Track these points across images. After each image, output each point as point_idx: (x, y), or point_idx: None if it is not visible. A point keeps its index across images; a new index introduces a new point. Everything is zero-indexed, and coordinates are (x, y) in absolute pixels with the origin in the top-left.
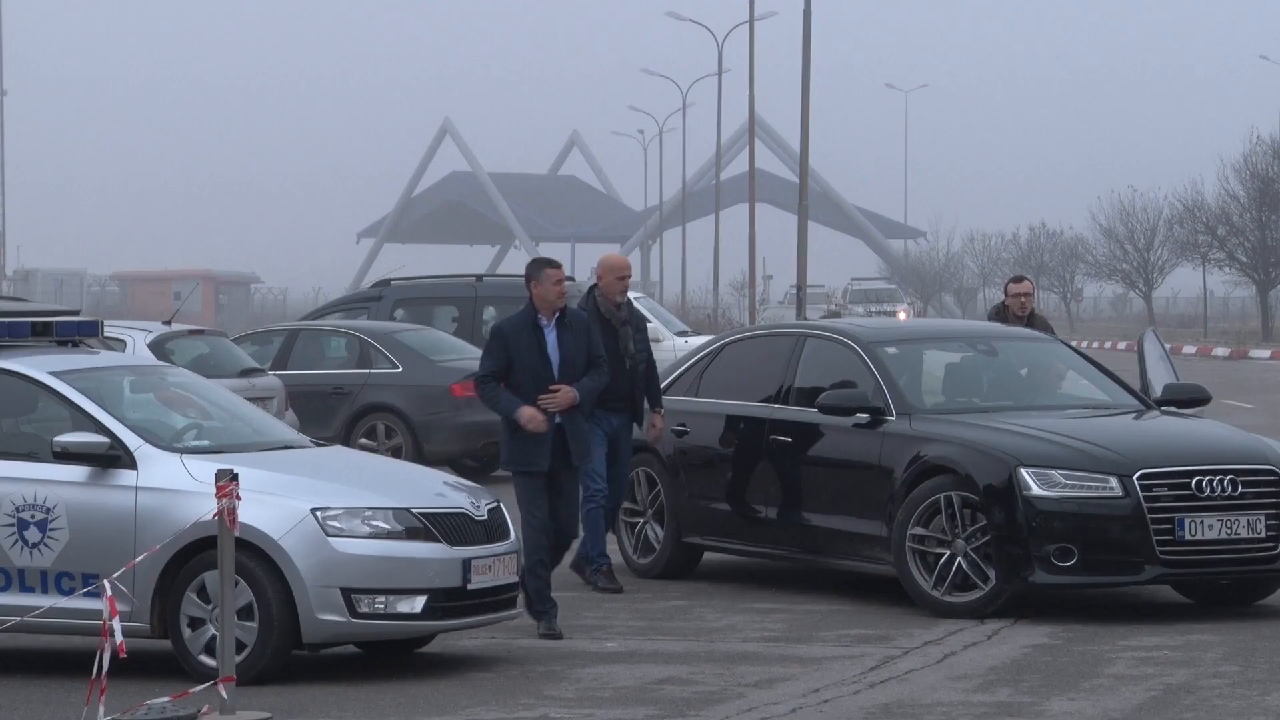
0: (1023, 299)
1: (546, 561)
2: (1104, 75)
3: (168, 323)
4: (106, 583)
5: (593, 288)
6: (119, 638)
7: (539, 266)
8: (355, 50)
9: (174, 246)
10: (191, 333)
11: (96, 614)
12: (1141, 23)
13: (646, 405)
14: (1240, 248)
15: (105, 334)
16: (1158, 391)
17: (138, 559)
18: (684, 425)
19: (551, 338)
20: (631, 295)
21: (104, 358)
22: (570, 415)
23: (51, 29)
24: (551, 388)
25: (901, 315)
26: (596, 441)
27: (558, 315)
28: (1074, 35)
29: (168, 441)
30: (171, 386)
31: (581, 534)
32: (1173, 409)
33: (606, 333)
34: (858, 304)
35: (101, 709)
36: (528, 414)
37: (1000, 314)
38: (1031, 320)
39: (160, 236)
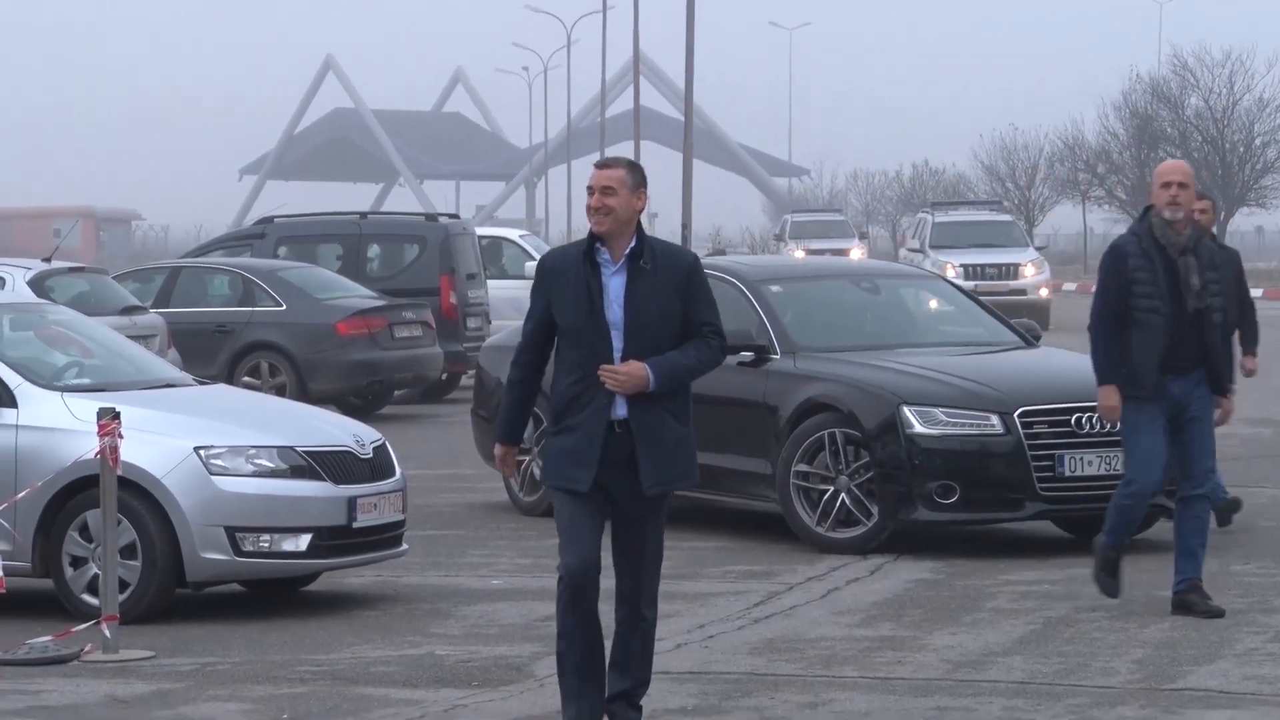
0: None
1: (581, 625)
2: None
3: (47, 260)
4: None
5: (1147, 209)
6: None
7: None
8: None
9: (54, 183)
10: (72, 270)
11: None
12: None
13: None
14: (1119, 185)
15: None
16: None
17: (19, 495)
18: None
19: (616, 284)
20: (515, 233)
21: None
22: (644, 410)
23: None
24: (606, 368)
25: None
26: (1146, 422)
27: (631, 250)
28: None
29: (48, 380)
30: (52, 324)
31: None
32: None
33: (1165, 264)
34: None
35: None
36: (499, 453)
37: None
38: (1199, 243)
39: (40, 173)
